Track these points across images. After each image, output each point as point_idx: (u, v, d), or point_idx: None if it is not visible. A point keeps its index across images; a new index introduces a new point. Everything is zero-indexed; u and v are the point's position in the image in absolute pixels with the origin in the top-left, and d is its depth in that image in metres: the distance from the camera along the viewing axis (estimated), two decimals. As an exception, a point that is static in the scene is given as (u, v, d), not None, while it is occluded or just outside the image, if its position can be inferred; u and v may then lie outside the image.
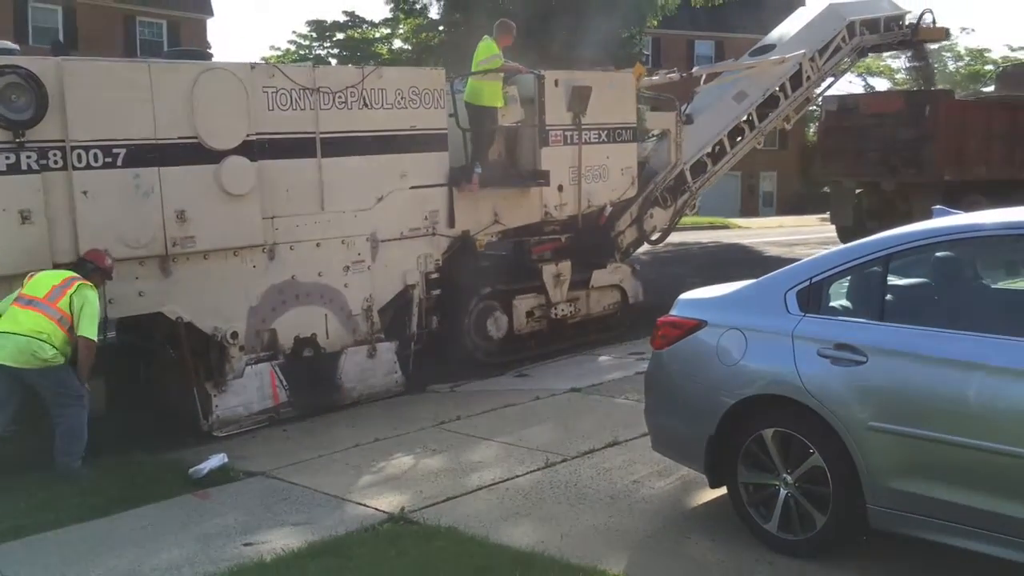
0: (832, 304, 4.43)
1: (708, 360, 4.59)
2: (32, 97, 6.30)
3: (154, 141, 6.82)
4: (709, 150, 11.59)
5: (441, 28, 26.85)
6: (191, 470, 6.02)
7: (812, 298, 4.38)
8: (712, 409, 4.51)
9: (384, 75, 8.07)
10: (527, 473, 5.73)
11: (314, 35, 31.06)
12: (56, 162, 6.47)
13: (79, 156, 6.54)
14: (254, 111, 7.27)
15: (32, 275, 6.12)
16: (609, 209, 9.95)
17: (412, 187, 8.30)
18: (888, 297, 4.33)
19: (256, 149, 7.28)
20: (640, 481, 5.46)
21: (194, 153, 7.01)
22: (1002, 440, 3.62)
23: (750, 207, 37.54)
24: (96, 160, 6.62)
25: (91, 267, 6.34)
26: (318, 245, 7.77)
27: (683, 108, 11.15)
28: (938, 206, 5.08)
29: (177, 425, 7.21)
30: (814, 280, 4.39)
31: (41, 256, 6.41)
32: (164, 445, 6.72)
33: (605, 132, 9.80)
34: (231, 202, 7.19)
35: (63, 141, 6.46)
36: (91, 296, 6.03)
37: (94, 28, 26.45)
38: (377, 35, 31.71)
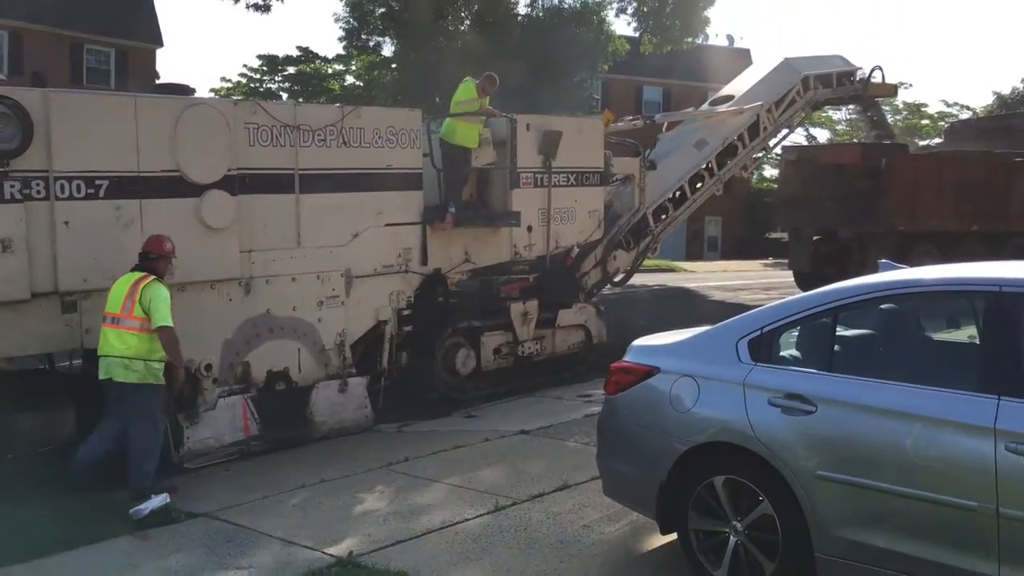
0: (783, 354, 4.59)
1: (661, 406, 4.72)
2: (18, 127, 6.53)
3: (137, 173, 7.08)
4: (671, 195, 12.27)
5: (394, 66, 27.56)
6: (132, 511, 6.00)
7: (763, 347, 4.53)
8: (664, 455, 4.63)
9: (363, 114, 8.45)
10: (477, 517, 5.77)
11: (265, 68, 31.44)
12: (39, 192, 6.68)
13: (62, 187, 6.76)
14: (236, 146, 7.58)
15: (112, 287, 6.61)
16: (576, 250, 10.47)
17: (387, 224, 8.66)
18: (836, 348, 4.53)
19: (236, 184, 7.58)
20: (590, 526, 5.54)
21: (176, 186, 7.29)
22: (940, 490, 3.78)
23: (695, 251, 38.61)
24: (79, 191, 6.85)
25: (154, 256, 6.70)
26: (294, 279, 8.06)
27: (646, 154, 11.81)
28: (884, 260, 5.29)
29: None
30: (765, 330, 4.56)
31: (20, 285, 6.60)
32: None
33: (574, 176, 10.35)
34: (210, 235, 7.45)
35: (47, 171, 6.68)
36: (156, 289, 6.46)
37: (41, 55, 26.39)
38: (329, 71, 32.22)
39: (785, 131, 15.11)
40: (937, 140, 45.73)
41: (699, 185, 12.76)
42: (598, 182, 10.71)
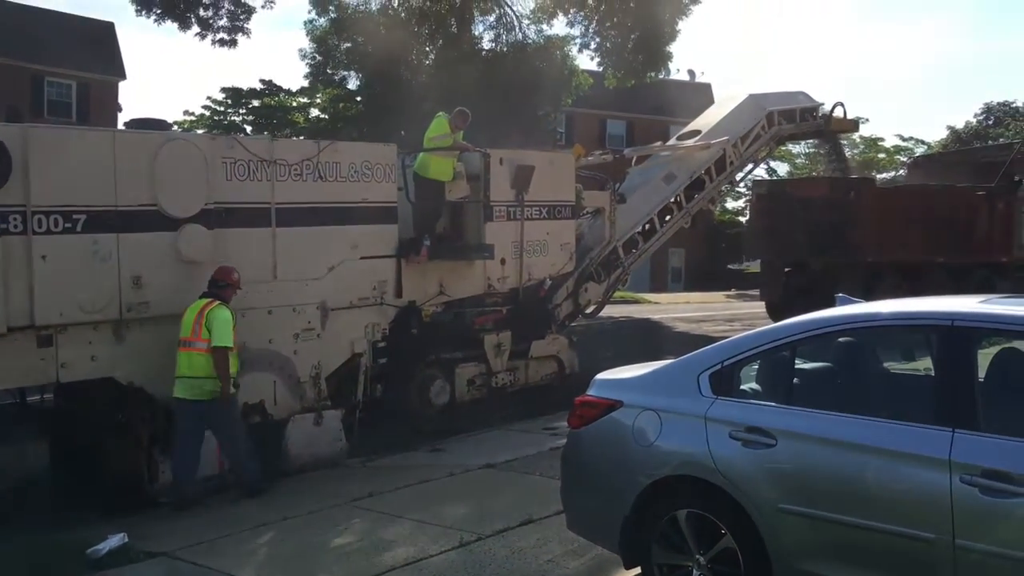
0: (743, 387, 4.68)
1: (624, 440, 4.76)
2: None
3: (114, 208, 7.25)
4: (640, 228, 12.68)
5: (359, 99, 27.99)
6: (89, 551, 6.02)
7: (724, 381, 4.61)
8: (627, 489, 4.67)
9: (339, 149, 8.72)
10: (441, 552, 5.81)
11: (229, 101, 31.70)
12: (16, 226, 6.82)
13: (39, 221, 6.91)
14: (213, 181, 7.80)
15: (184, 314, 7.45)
16: (548, 282, 10.79)
17: (362, 257, 8.90)
18: (795, 381, 4.63)
19: (213, 217, 7.79)
20: (555, 560, 5.59)
21: (153, 220, 7.48)
22: (898, 523, 3.88)
23: (659, 282, 39.25)
24: (56, 225, 7.00)
25: (222, 284, 7.50)
26: (270, 312, 8.24)
27: (616, 187, 12.22)
28: (841, 294, 5.38)
29: (115, 491, 7.42)
30: (726, 363, 4.64)
31: None
32: (92, 517, 6.80)
33: (546, 209, 10.69)
34: (187, 269, 7.63)
35: (24, 206, 6.82)
36: (219, 313, 7.31)
37: (1, 87, 26.43)
38: (294, 103, 32.57)
39: (751, 165, 15.68)
40: (894, 173, 47.38)
41: (668, 218, 13.21)
42: (570, 215, 11.07)
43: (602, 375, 5.33)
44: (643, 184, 12.94)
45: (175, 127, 32.47)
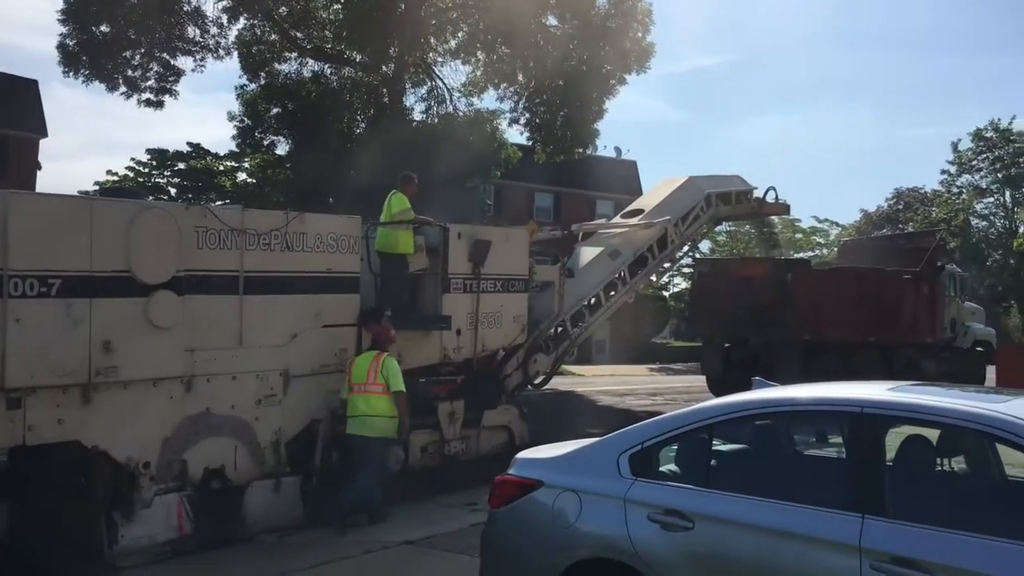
0: (663, 469, 4.88)
1: (544, 521, 4.93)
2: None
3: (89, 273, 7.74)
4: (587, 302, 13.69)
5: (288, 165, 28.72)
6: None
7: (644, 462, 4.79)
8: (547, 571, 4.83)
9: (306, 220, 9.41)
10: None
11: (155, 163, 32.09)
12: None
13: (16, 284, 7.33)
14: (185, 249, 8.37)
15: (351, 362, 9.32)
16: (501, 353, 11.62)
17: (324, 326, 9.56)
18: (713, 463, 4.84)
19: (184, 284, 8.35)
20: None
21: (126, 286, 7.98)
22: None
23: (584, 355, 40.45)
24: (32, 289, 7.42)
25: (383, 343, 9.39)
26: (234, 378, 8.78)
27: (565, 262, 13.23)
28: (757, 378, 5.75)
29: (73, 555, 7.75)
30: (646, 444, 4.84)
31: None
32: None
33: (500, 282, 11.56)
34: (156, 334, 8.13)
35: (1, 269, 7.26)
36: (391, 363, 9.21)
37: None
38: (221, 167, 33.12)
39: (689, 244, 17.01)
40: (812, 253, 50.42)
41: (613, 293, 14.27)
42: (523, 288, 11.96)
43: (522, 454, 5.57)
44: (590, 260, 14.01)
45: (95, 187, 32.77)
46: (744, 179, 18.11)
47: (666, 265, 16.47)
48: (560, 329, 13.21)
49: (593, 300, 13.97)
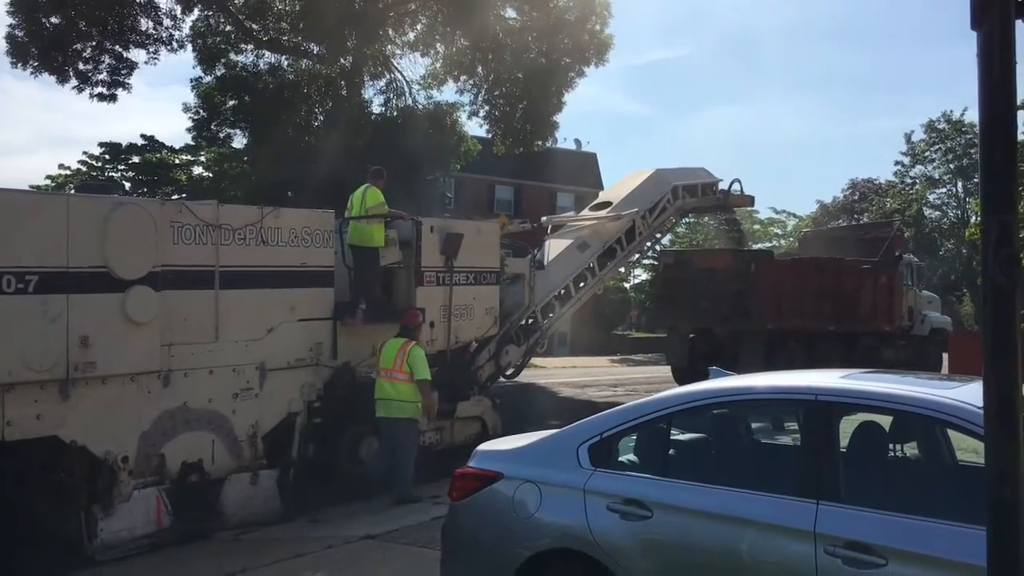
0: (622, 459, 4.95)
1: (504, 512, 5.01)
2: None
3: (65, 269, 7.88)
4: (557, 293, 14.05)
5: (245, 159, 28.67)
6: None
7: (603, 453, 4.87)
8: (508, 562, 4.91)
9: (281, 215, 9.62)
10: None
11: (107, 156, 31.81)
12: None
13: None
14: (161, 244, 8.53)
15: (381, 347, 9.86)
16: (474, 345, 11.91)
17: (300, 320, 9.78)
18: (671, 453, 4.95)
19: (160, 280, 8.52)
20: None
21: (102, 282, 8.13)
22: None
23: (546, 347, 40.89)
24: (8, 286, 7.55)
25: (412, 327, 9.93)
26: (211, 372, 8.99)
27: (535, 255, 13.58)
28: (714, 367, 5.84)
29: (46, 552, 7.87)
30: (604, 435, 4.92)
31: None
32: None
33: (472, 275, 11.86)
34: (133, 329, 8.31)
35: None
36: (417, 352, 9.74)
37: None
38: (176, 161, 32.92)
39: (658, 235, 17.46)
40: (770, 244, 51.44)
41: (582, 284, 14.65)
42: (495, 281, 12.26)
43: (483, 446, 5.69)
44: (560, 252, 14.39)
45: (48, 182, 32.35)
46: (709, 172, 18.61)
47: (635, 256, 16.88)
48: (531, 320, 13.54)
49: (563, 291, 14.34)
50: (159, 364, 8.59)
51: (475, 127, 28.71)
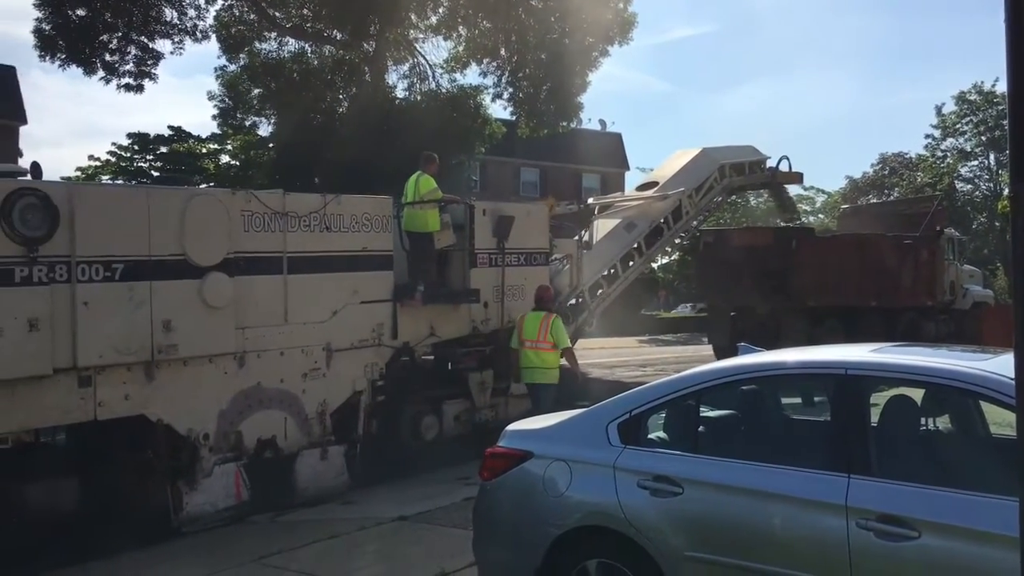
0: (651, 436, 5.08)
1: (535, 491, 5.15)
2: (45, 217, 7.96)
3: (148, 257, 8.60)
4: (605, 273, 14.75)
5: (271, 146, 29.43)
6: None
7: (632, 430, 5.00)
8: (538, 540, 5.05)
9: (342, 202, 10.29)
10: None
11: (136, 147, 32.79)
12: (62, 275, 8.06)
13: (83, 270, 8.17)
14: (233, 232, 9.23)
15: (521, 319, 10.97)
16: (526, 324, 12.62)
17: (362, 302, 10.48)
18: (701, 429, 5.08)
19: (233, 266, 9.21)
20: None
21: (182, 269, 8.83)
22: (800, 567, 4.24)
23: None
24: (97, 274, 8.27)
25: (547, 301, 11.05)
26: (281, 353, 9.69)
27: (583, 235, 14.28)
28: (743, 343, 6.06)
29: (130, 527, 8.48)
30: (634, 413, 5.04)
31: (43, 361, 7.91)
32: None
33: (523, 256, 12.55)
34: (210, 313, 9.00)
35: (69, 256, 8.09)
36: (558, 323, 10.85)
37: None
38: (203, 150, 33.85)
39: (704, 214, 18.11)
40: (799, 221, 51.60)
41: (630, 263, 15.35)
42: (544, 262, 12.95)
43: (513, 426, 5.84)
44: (607, 233, 15.08)
45: (79, 173, 33.31)
46: (757, 149, 19.13)
47: (682, 235, 17.48)
48: (580, 300, 14.26)
49: (611, 271, 15.04)
50: (235, 346, 9.28)
51: (499, 110, 29.28)
